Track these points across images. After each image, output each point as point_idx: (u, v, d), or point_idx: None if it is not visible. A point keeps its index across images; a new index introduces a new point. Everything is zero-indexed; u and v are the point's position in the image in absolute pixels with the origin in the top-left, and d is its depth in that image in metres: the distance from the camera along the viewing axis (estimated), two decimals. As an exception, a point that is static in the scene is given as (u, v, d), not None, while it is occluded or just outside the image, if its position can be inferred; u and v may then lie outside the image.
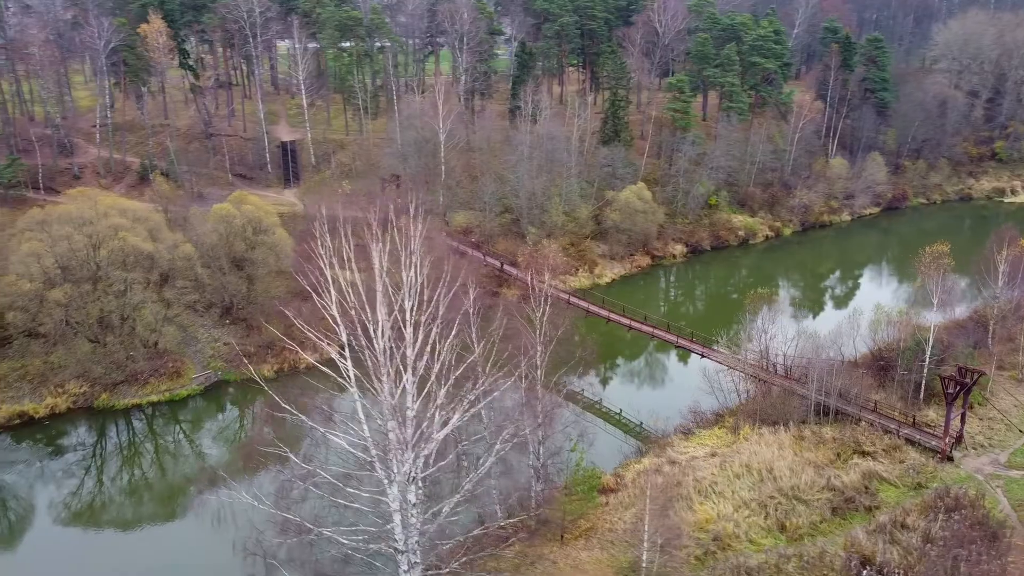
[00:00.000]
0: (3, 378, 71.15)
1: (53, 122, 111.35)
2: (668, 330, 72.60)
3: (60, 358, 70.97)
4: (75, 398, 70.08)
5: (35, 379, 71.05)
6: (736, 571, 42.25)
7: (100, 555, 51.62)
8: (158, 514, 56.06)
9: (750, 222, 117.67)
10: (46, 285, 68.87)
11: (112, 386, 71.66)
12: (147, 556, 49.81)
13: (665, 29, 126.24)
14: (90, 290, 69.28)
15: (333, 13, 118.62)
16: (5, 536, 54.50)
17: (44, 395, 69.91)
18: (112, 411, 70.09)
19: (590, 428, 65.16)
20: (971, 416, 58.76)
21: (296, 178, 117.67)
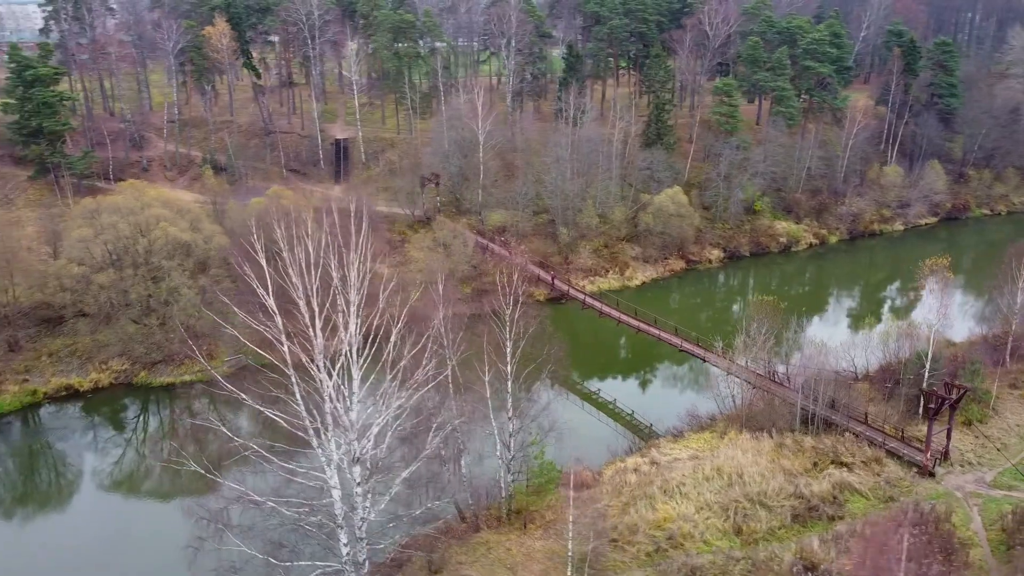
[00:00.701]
0: (55, 353, 77.81)
1: (125, 118, 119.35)
2: (676, 333, 73.25)
3: (105, 337, 76.97)
4: (117, 374, 75.98)
5: (83, 356, 77.34)
6: (682, 569, 43.41)
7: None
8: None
9: (793, 229, 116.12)
10: (93, 269, 74.91)
11: (151, 365, 77.33)
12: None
13: (715, 32, 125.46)
14: (132, 275, 74.98)
15: (388, 16, 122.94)
16: (55, 497, 60.36)
17: (89, 370, 76.10)
18: (149, 388, 75.68)
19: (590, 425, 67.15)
20: (966, 433, 57.75)
21: (346, 175, 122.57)
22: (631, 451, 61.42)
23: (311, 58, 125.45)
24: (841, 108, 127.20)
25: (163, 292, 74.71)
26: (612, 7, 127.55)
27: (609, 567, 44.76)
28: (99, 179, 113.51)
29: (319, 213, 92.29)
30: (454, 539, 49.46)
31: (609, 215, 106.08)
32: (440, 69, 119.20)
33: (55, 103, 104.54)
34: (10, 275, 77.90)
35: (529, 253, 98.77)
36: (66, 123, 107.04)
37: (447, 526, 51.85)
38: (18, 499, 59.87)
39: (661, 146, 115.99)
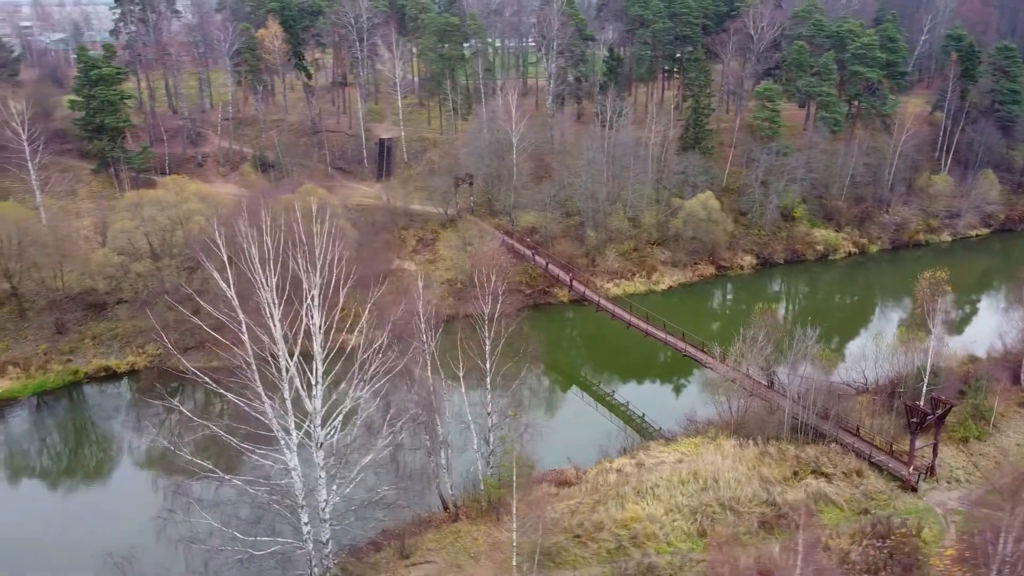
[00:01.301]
0: (98, 336, 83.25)
1: (182, 115, 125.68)
2: (683, 338, 73.65)
3: (142, 323, 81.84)
4: (151, 358, 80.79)
5: (122, 339, 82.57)
6: (639, 567, 44.48)
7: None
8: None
9: (832, 236, 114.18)
10: (132, 258, 79.88)
11: (183, 351, 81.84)
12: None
13: (760, 36, 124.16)
14: (168, 264, 79.67)
15: (434, 19, 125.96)
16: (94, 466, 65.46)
17: (127, 354, 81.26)
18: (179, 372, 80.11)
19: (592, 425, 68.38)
20: (961, 451, 56.78)
21: (388, 173, 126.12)
22: (624, 452, 62.33)
23: (359, 59, 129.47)
24: (889, 114, 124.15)
25: (193, 282, 78.94)
26: (656, 10, 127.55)
27: (569, 561, 46.15)
28: (156, 173, 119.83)
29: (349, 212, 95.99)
30: (432, 527, 51.59)
31: (640, 219, 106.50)
32: (481, 71, 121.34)
33: (117, 101, 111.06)
34: (60, 262, 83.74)
35: (556, 254, 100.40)
36: (126, 120, 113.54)
37: (431, 515, 54.10)
38: (64, 469, 65.15)
39: (699, 151, 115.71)
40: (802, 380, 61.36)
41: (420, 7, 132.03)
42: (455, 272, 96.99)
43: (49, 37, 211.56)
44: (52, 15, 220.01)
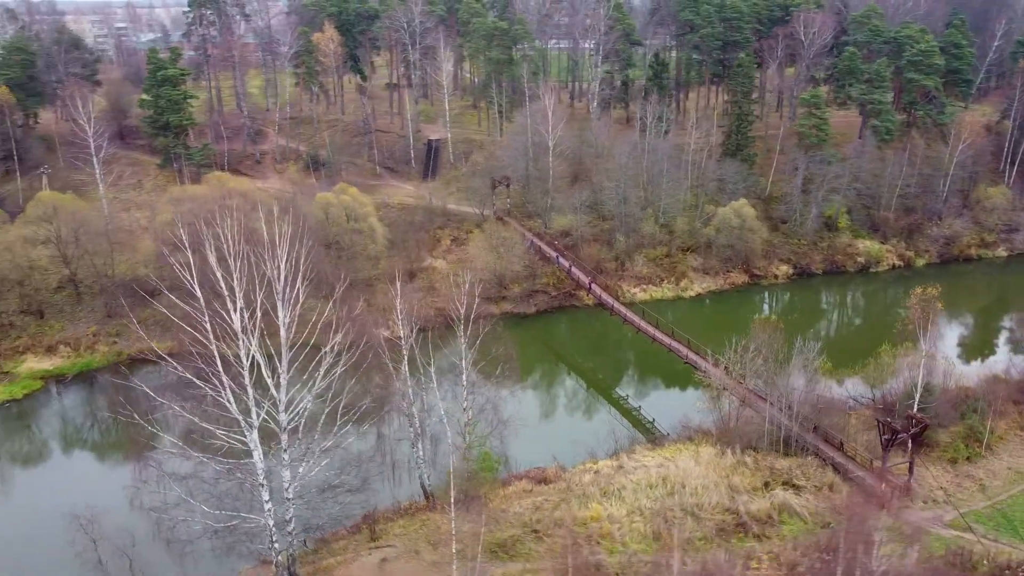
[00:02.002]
0: (143, 321, 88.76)
1: (242, 115, 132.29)
2: (688, 345, 74.08)
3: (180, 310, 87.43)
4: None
5: (165, 325, 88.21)
6: (585, 564, 45.89)
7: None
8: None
9: (874, 248, 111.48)
10: (172, 249, 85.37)
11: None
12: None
13: (810, 41, 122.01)
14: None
15: (483, 23, 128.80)
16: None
17: (167, 339, 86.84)
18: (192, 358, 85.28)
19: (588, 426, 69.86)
20: (947, 470, 55.83)
21: (434, 174, 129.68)
22: (612, 454, 63.41)
23: (411, 62, 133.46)
24: (946, 123, 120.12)
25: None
26: (706, 15, 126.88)
27: (523, 554, 47.98)
28: (217, 169, 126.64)
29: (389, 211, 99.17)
30: (408, 514, 54.25)
31: (672, 224, 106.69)
32: (527, 75, 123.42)
33: (180, 101, 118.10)
34: (111, 251, 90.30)
35: (585, 258, 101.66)
36: (189, 119, 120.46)
37: (412, 503, 56.80)
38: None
39: (739, 158, 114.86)
40: (791, 392, 61.36)
41: (473, 11, 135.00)
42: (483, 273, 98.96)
43: (141, 38, 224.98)
44: (142, 16, 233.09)
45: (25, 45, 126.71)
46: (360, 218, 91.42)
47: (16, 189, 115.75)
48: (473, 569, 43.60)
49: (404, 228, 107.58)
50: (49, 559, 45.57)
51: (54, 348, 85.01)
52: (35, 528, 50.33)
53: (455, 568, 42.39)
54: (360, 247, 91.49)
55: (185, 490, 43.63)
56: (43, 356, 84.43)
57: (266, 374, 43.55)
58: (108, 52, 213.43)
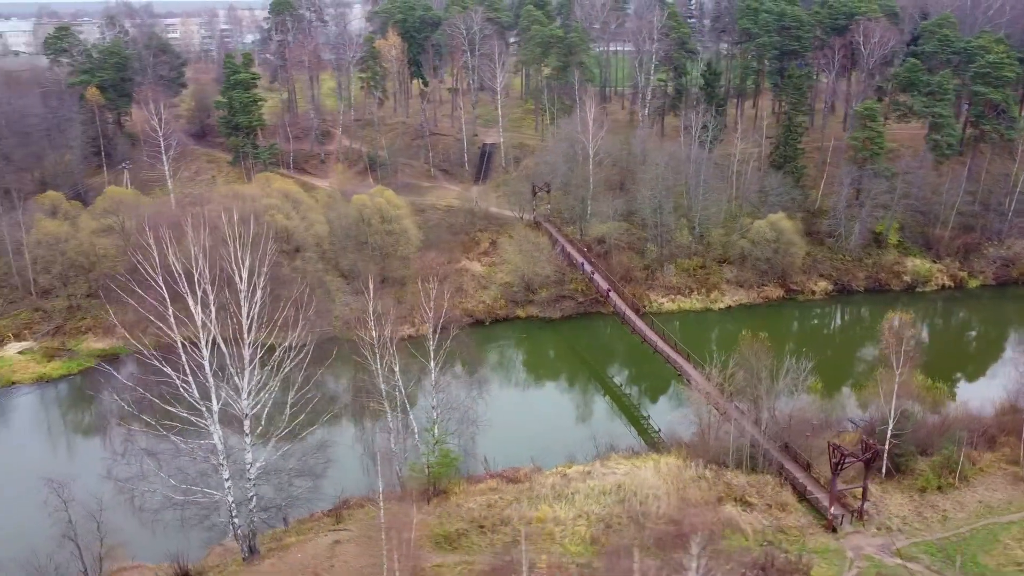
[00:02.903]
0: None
1: (309, 116, 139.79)
2: (688, 359, 74.79)
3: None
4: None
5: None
6: (517, 560, 48.29)
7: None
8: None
9: (923, 267, 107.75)
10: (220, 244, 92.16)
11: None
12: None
13: (870, 52, 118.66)
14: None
15: (539, 31, 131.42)
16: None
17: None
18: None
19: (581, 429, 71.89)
20: (913, 499, 55.10)
21: (486, 177, 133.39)
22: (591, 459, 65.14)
23: (470, 68, 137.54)
24: (1014, 139, 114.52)
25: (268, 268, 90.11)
26: (764, 24, 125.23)
27: (465, 547, 50.85)
28: (283, 167, 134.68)
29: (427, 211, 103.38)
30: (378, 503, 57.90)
31: (707, 236, 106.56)
32: (577, 83, 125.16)
33: (249, 103, 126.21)
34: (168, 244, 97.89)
35: (615, 266, 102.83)
36: (258, 120, 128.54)
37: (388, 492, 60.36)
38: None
39: (786, 170, 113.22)
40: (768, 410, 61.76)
41: (533, 18, 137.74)
42: (513, 276, 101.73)
43: (243, 40, 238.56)
44: (244, 19, 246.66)
45: (119, 49, 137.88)
46: (392, 220, 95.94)
47: (103, 182, 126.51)
48: (408, 556, 46.80)
49: (440, 231, 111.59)
50: (24, 516, 52.19)
51: (111, 330, 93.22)
52: (17, 489, 57.19)
53: (385, 553, 45.66)
54: (391, 247, 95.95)
55: (156, 465, 48.69)
56: (102, 336, 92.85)
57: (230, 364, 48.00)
58: (212, 53, 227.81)
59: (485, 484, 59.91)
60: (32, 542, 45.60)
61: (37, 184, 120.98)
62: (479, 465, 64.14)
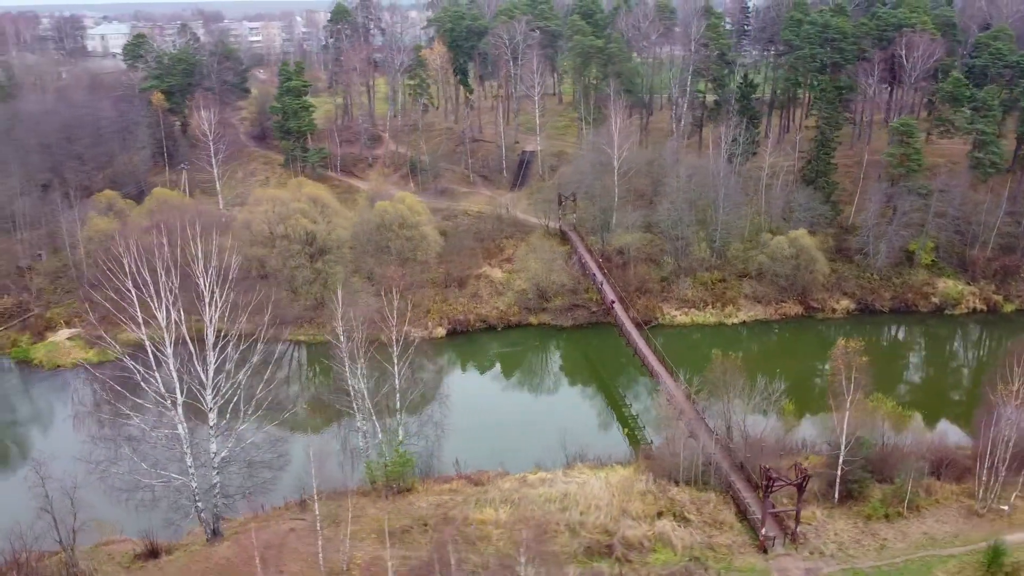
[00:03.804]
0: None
1: (358, 122, 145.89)
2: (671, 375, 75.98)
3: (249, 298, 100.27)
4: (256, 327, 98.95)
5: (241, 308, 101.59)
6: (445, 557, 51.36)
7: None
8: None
9: (954, 289, 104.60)
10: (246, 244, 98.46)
11: (279, 324, 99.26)
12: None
13: (912, 65, 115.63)
14: (269, 252, 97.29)
15: (579, 41, 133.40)
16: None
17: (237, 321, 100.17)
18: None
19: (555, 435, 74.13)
20: (857, 525, 55.28)
21: (523, 184, 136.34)
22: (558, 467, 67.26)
23: (513, 76, 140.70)
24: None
25: (287, 267, 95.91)
26: (806, 35, 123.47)
27: (407, 541, 54.25)
28: (332, 170, 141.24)
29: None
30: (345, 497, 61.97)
31: (726, 249, 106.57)
32: (613, 93, 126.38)
33: (299, 109, 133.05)
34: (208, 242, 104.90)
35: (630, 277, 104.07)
36: (308, 125, 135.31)
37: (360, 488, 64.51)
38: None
39: (818, 185, 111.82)
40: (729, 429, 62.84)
41: (576, 28, 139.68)
42: (529, 283, 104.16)
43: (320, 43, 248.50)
44: (319, 22, 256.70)
45: (186, 56, 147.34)
46: (412, 226, 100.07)
47: (165, 180, 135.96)
48: (346, 546, 50.71)
49: (470, 236, 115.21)
50: (9, 490, 57.94)
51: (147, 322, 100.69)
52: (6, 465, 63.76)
53: (320, 543, 49.59)
54: (410, 252, 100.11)
55: (130, 450, 54.02)
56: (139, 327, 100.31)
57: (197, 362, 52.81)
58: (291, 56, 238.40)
59: (449, 485, 63.14)
60: (16, 513, 51.43)
61: (108, 182, 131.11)
62: (451, 466, 67.41)
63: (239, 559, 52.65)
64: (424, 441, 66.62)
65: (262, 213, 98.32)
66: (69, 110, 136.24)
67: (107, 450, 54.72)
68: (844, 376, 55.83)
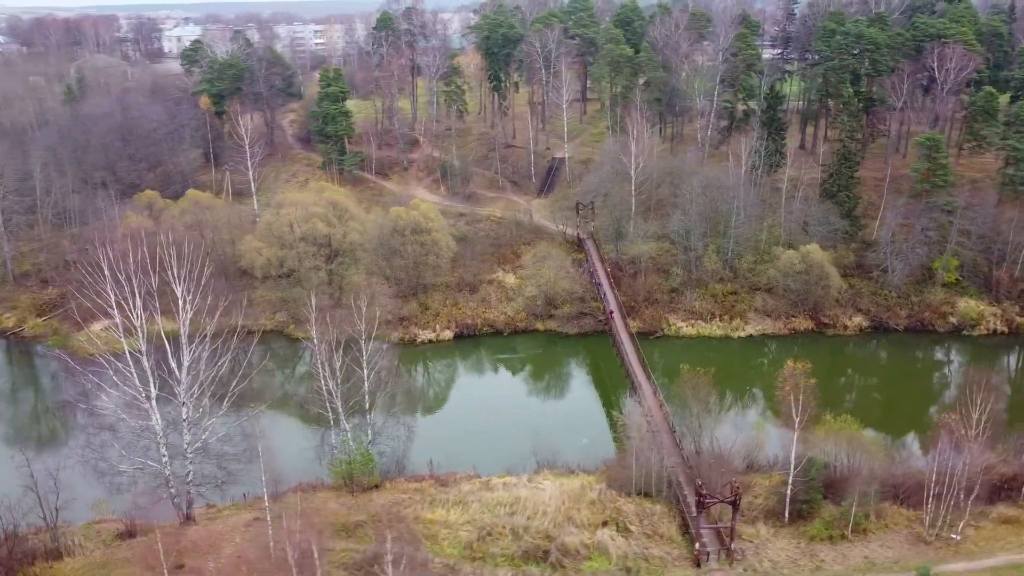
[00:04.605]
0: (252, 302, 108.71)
1: (393, 126, 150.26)
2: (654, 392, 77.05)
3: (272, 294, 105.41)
4: (277, 324, 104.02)
5: (263, 307, 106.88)
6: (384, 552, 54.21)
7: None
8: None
9: (974, 309, 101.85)
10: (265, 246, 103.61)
11: (298, 322, 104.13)
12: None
13: (944, 79, 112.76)
14: (287, 254, 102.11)
15: (609, 50, 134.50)
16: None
17: (259, 317, 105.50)
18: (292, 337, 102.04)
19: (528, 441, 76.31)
20: (798, 545, 55.78)
21: (550, 190, 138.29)
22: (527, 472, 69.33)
23: (545, 83, 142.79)
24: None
25: (302, 268, 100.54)
26: (838, 46, 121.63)
27: (359, 535, 57.38)
28: (368, 171, 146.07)
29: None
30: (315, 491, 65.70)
31: (738, 262, 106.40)
32: (639, 101, 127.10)
33: (336, 114, 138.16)
34: (232, 240, 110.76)
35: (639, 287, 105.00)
36: (344, 129, 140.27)
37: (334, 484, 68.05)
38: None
39: (839, 199, 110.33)
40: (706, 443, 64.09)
41: (609, 37, 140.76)
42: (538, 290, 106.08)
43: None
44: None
45: (236, 62, 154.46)
46: (424, 231, 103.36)
47: (211, 180, 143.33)
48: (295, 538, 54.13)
49: (488, 241, 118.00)
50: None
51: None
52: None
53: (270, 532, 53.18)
54: (421, 257, 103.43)
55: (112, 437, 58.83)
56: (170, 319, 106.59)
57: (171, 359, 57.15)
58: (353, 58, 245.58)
59: (417, 484, 66.08)
60: (6, 489, 56.79)
61: (160, 181, 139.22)
62: (425, 466, 70.32)
63: (204, 542, 56.93)
64: (395, 441, 69.68)
65: (282, 216, 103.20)
66: (125, 112, 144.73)
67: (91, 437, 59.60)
68: (792, 398, 56.29)
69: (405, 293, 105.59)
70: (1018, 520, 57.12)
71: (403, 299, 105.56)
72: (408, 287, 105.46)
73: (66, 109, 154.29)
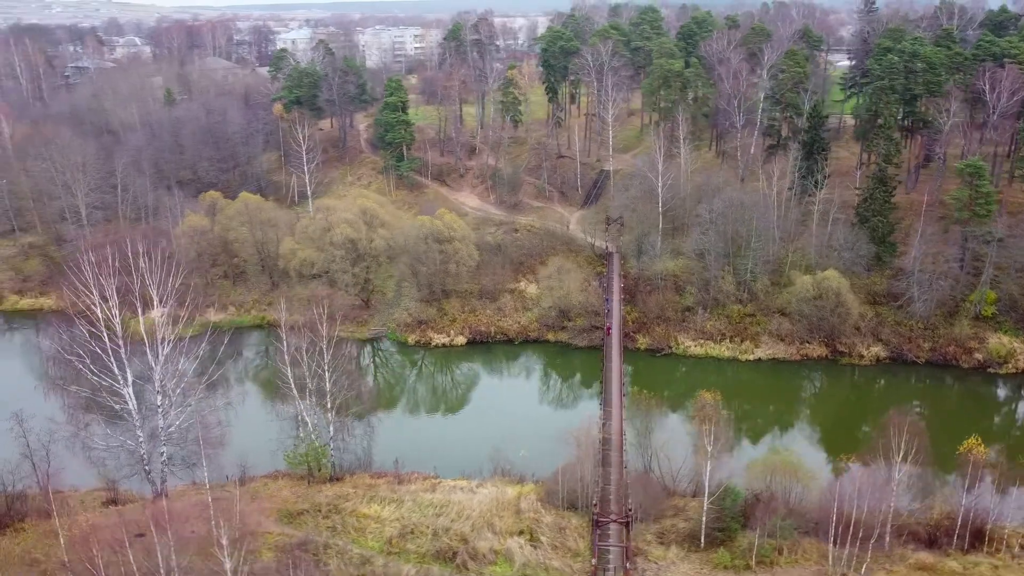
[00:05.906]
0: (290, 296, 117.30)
1: (449, 135, 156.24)
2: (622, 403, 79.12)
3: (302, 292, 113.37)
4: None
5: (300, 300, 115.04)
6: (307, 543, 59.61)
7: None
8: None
9: (1004, 346, 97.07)
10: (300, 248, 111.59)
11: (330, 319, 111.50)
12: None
13: (994, 101, 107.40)
14: (319, 256, 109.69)
15: (659, 64, 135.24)
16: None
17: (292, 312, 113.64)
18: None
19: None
20: (701, 571, 57.05)
21: (595, 201, 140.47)
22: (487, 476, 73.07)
23: (597, 96, 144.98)
24: None
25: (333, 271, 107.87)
26: (888, 65, 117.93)
27: (298, 523, 63.08)
28: (425, 177, 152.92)
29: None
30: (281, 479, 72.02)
31: (754, 284, 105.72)
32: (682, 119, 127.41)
33: (394, 123, 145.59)
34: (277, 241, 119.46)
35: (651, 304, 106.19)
36: (402, 136, 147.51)
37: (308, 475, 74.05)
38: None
39: (872, 224, 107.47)
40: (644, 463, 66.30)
41: (665, 51, 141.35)
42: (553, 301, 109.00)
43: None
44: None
45: (312, 71, 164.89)
46: (446, 240, 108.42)
47: (283, 182, 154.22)
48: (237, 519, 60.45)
49: (518, 250, 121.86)
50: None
51: (225, 306, 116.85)
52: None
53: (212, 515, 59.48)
54: (443, 264, 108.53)
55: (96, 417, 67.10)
56: (218, 311, 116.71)
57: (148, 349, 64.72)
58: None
59: (375, 480, 71.24)
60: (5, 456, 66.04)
61: (239, 181, 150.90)
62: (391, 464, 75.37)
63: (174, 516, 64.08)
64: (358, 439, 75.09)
65: (317, 220, 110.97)
66: (210, 115, 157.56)
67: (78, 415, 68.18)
68: (702, 429, 57.67)
69: (427, 298, 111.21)
70: (934, 568, 56.12)
71: (425, 303, 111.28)
72: (431, 292, 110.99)
73: (164, 111, 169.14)
